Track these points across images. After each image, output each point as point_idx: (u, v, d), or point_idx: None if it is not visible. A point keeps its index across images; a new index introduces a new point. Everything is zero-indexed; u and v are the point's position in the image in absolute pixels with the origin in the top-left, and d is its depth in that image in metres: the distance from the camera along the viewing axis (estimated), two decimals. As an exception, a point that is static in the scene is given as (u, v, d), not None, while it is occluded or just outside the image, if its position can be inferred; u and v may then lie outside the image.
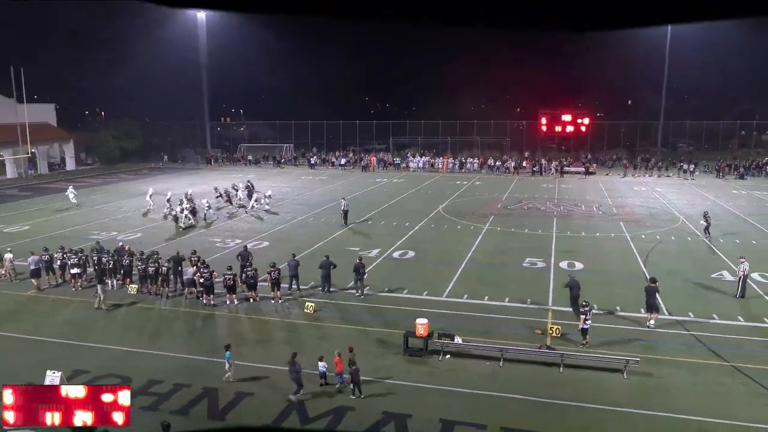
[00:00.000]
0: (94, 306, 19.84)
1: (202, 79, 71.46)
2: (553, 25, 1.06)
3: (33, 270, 22.05)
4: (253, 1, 1.01)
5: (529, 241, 29.12)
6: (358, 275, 21.01)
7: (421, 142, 69.67)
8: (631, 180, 52.97)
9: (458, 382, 14.72)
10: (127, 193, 45.38)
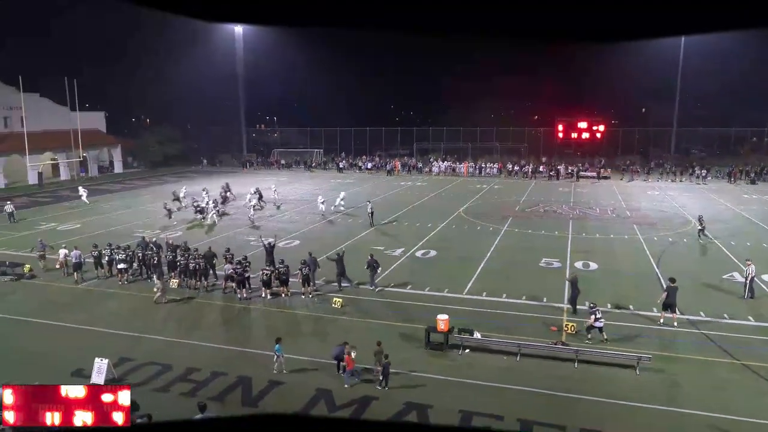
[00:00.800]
0: (153, 300, 19.99)
1: (239, 88, 72.28)
2: (571, 36, 1.05)
3: (75, 263, 22.62)
4: (282, 16, 1.01)
5: (545, 242, 28.82)
6: (372, 270, 21.16)
7: (443, 148, 69.53)
8: (643, 184, 52.11)
9: (477, 375, 14.63)
10: (170, 194, 46.01)
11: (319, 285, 21.45)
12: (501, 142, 68.44)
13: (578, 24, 1.01)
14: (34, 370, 14.03)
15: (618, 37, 1.02)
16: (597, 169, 58.07)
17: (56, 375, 13.51)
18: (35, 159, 52.42)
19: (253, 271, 21.22)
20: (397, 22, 1.03)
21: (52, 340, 16.97)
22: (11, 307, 19.65)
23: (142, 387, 13.78)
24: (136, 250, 23.34)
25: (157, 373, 14.77)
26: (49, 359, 15.45)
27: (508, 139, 68.55)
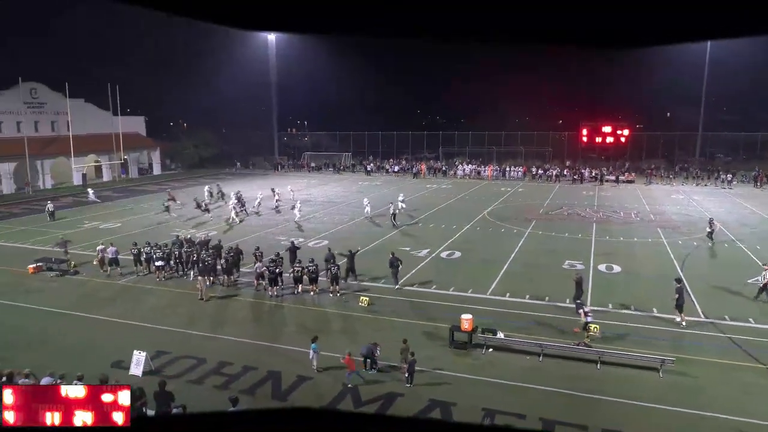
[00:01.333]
0: (198, 298, 20.21)
1: (271, 93, 73.03)
2: (595, 42, 1.03)
3: (111, 259, 23.24)
4: (313, 24, 1.02)
5: (568, 245, 28.43)
6: (394, 269, 21.21)
7: (468, 152, 69.20)
8: (668, 188, 51.03)
9: (500, 374, 14.51)
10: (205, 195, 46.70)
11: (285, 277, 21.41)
12: (525, 146, 67.79)
13: (605, 30, 0.99)
14: (77, 362, 14.37)
15: (644, 42, 1.00)
16: (617, 172, 57.12)
17: (98, 366, 13.81)
18: (80, 161, 53.78)
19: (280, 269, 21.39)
20: (420, 30, 1.03)
21: (93, 333, 17.37)
22: (57, 301, 20.18)
23: (177, 379, 14.02)
24: (173, 248, 23.74)
25: (191, 367, 15.00)
26: (91, 351, 15.82)
27: (533, 143, 67.88)
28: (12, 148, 49.68)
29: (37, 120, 54.43)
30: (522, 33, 1.03)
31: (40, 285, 22.27)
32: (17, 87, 51.85)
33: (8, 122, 52.21)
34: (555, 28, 1.01)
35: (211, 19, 1.03)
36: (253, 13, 1.02)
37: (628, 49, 1.07)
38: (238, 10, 1.01)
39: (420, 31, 1.03)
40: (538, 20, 1.00)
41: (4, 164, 49.68)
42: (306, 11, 1.02)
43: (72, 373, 12.30)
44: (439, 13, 1.00)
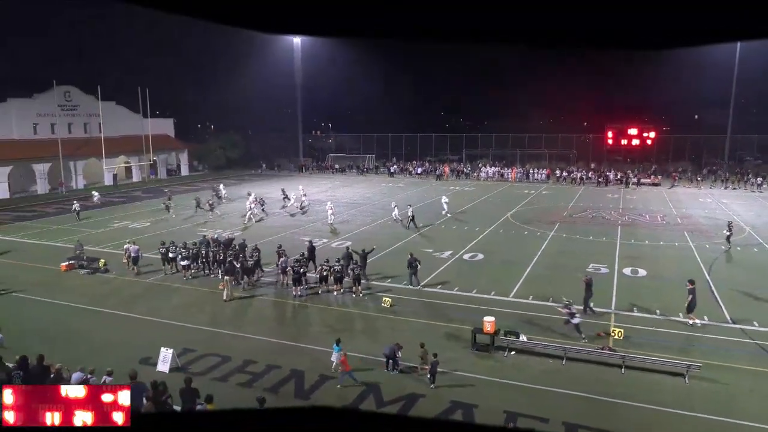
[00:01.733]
0: (222, 298, 20.41)
1: (296, 96, 73.58)
2: (623, 43, 1.02)
3: (133, 257, 23.73)
4: (337, 27, 1.03)
5: (593, 248, 28.04)
6: (412, 269, 21.26)
7: (491, 154, 68.74)
8: (695, 191, 50.00)
9: (522, 377, 14.37)
10: (232, 195, 47.24)
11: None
12: (549, 149, 67.09)
13: (630, 32, 0.98)
14: (107, 357, 14.64)
15: (672, 44, 0.99)
16: (639, 175, 56.19)
17: (127, 362, 14.06)
18: (111, 162, 54.92)
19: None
20: (447, 34, 1.03)
21: (122, 330, 17.70)
22: (88, 299, 20.61)
23: (202, 376, 14.19)
24: (200, 248, 24.06)
25: (216, 364, 15.18)
26: (120, 347, 16.12)
27: (557, 145, 67.13)
28: (47, 149, 50.95)
29: (70, 122, 55.72)
30: (549, 36, 1.02)
31: (72, 282, 22.79)
32: (52, 90, 53.18)
33: (43, 124, 53.55)
34: (579, 30, 0.99)
35: (236, 23, 1.04)
36: (276, 16, 1.03)
37: (654, 50, 1.05)
38: (261, 13, 1.03)
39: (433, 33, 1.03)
40: (564, 22, 0.99)
41: (39, 165, 50.95)
42: (327, 14, 1.02)
43: (102, 368, 12.55)
44: (461, 14, 0.99)
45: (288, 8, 1.03)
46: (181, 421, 1.34)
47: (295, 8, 1.03)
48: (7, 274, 23.16)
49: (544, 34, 1.01)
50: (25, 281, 22.64)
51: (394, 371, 14.54)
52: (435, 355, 14.09)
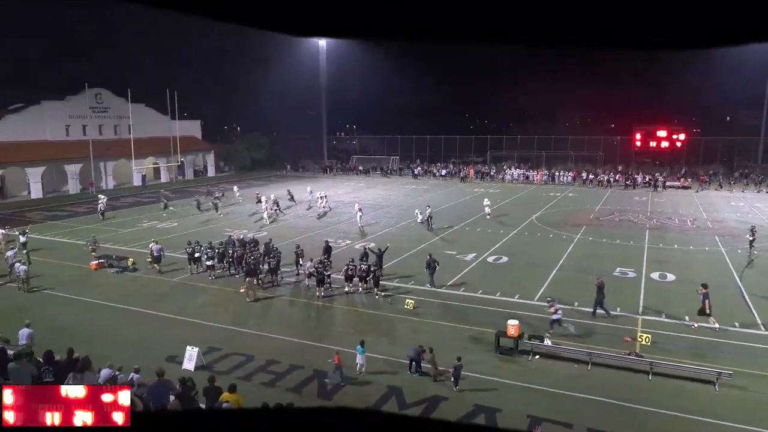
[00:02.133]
0: (246, 300, 20.56)
1: (321, 97, 74.02)
2: (650, 44, 1.00)
3: (155, 256, 24.15)
4: (361, 30, 1.03)
5: (620, 252, 27.59)
6: (430, 270, 21.27)
7: (516, 156, 68.14)
8: (727, 195, 48.83)
9: (546, 381, 14.20)
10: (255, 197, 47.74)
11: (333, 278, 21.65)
12: (576, 151, 66.23)
13: (658, 32, 0.96)
14: (134, 355, 14.91)
15: (699, 44, 0.97)
16: (667, 178, 55.10)
17: (153, 360, 14.29)
18: (139, 163, 55.98)
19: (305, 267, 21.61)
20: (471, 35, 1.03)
21: (150, 328, 18.01)
22: (116, 297, 21.02)
23: (227, 375, 14.35)
24: (226, 248, 24.34)
25: (240, 363, 15.34)
26: (147, 345, 16.40)
27: (583, 147, 66.23)
28: (78, 150, 52.17)
29: (101, 124, 56.95)
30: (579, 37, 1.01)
31: (102, 281, 23.28)
32: (84, 93, 54.45)
33: (75, 126, 54.83)
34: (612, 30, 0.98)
35: (262, 26, 1.05)
36: (301, 19, 1.04)
37: (687, 50, 1.04)
38: (286, 16, 1.03)
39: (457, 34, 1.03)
40: (594, 22, 0.98)
41: (71, 165, 52.17)
42: (350, 16, 1.03)
43: (129, 365, 12.77)
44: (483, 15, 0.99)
45: (312, 11, 1.04)
46: (186, 421, 1.35)
47: (319, 11, 1.03)
48: (39, 272, 23.76)
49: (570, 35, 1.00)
50: (57, 279, 23.21)
51: (416, 374, 14.51)
52: (459, 359, 14.01)
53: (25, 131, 50.46)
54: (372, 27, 1.06)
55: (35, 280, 22.49)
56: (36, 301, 20.66)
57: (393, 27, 1.04)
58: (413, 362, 14.56)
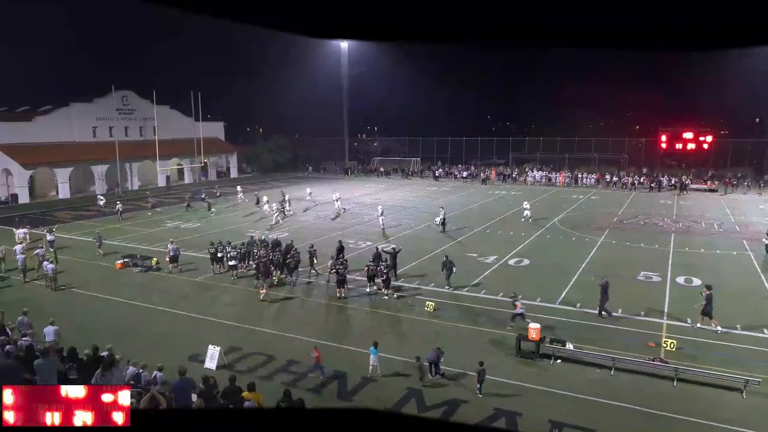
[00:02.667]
0: (259, 298, 20.78)
1: (343, 100, 74.33)
2: (677, 45, 0.98)
3: (172, 256, 24.51)
4: (383, 32, 1.03)
5: (644, 255, 27.15)
6: (448, 271, 21.26)
7: (539, 158, 67.51)
8: (755, 198, 47.73)
9: (568, 386, 14.03)
10: (278, 197, 48.03)
11: (354, 280, 21.59)
12: (599, 153, 65.38)
13: (684, 33, 0.94)
14: (157, 353, 15.12)
15: (728, 44, 0.95)
16: (699, 180, 53.96)
17: (176, 358, 14.47)
18: (164, 164, 56.81)
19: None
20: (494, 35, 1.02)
21: (172, 327, 18.25)
22: (140, 296, 21.36)
23: (248, 375, 14.47)
24: (251, 248, 24.59)
25: (262, 363, 15.46)
26: (169, 343, 16.63)
27: (607, 149, 65.34)
28: (105, 151, 53.17)
29: (127, 125, 57.97)
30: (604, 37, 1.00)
31: (126, 280, 23.67)
32: (111, 95, 55.48)
33: (102, 127, 55.91)
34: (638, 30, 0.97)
35: (285, 28, 1.06)
36: (323, 21, 1.05)
37: (715, 50, 1.02)
38: (308, 19, 1.04)
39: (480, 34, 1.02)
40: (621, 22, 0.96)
41: (98, 166, 53.19)
42: (373, 20, 1.03)
43: (153, 363, 12.96)
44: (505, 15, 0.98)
45: (334, 13, 1.04)
46: (155, 421, 1.36)
47: (340, 13, 1.04)
48: (67, 270, 24.25)
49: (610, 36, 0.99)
50: (83, 277, 23.66)
51: (436, 376, 14.46)
52: (481, 363, 13.86)
53: (53, 133, 51.62)
54: (393, 29, 1.06)
55: (62, 278, 22.95)
56: (63, 299, 21.10)
57: (414, 28, 1.04)
58: (432, 364, 14.51)
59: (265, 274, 21.42)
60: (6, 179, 48.64)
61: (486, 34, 1.03)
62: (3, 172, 48.39)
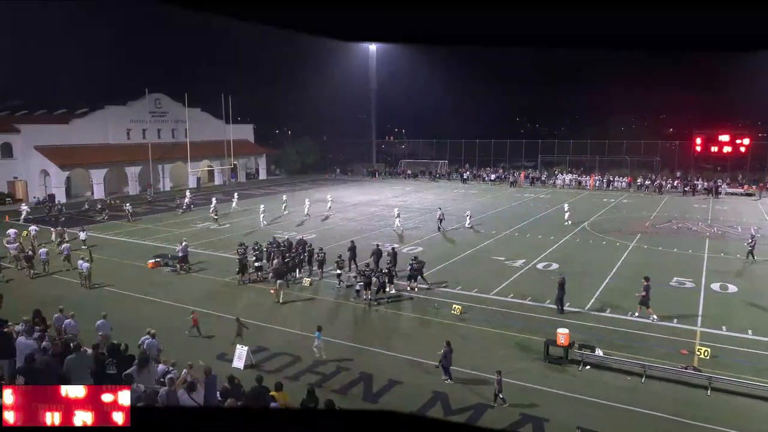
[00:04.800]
0: (274, 300, 21.02)
1: (371, 102, 74.54)
2: (710, 45, 0.96)
3: (181, 257, 24.97)
4: (412, 34, 1.03)
5: (677, 260, 26.53)
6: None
7: (568, 160, 66.52)
8: (796, 203, 46.20)
9: (597, 393, 13.78)
10: (307, 199, 48.36)
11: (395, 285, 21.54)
12: (631, 156, 64.10)
13: (717, 34, 0.92)
14: (186, 351, 15.37)
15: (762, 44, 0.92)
16: (734, 184, 52.43)
17: (204, 357, 14.69)
18: (195, 166, 57.81)
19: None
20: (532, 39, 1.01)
21: (201, 326, 18.50)
22: (171, 295, 21.75)
23: (275, 374, 14.59)
24: (270, 249, 24.86)
25: (288, 363, 15.58)
26: (198, 342, 16.89)
27: (639, 152, 64.03)
28: (138, 153, 54.39)
29: (159, 128, 59.19)
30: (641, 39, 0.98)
31: (157, 279, 24.14)
32: (144, 98, 56.74)
33: (136, 130, 57.23)
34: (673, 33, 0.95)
35: (314, 31, 1.07)
36: (351, 24, 1.05)
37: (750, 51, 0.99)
38: (336, 21, 1.05)
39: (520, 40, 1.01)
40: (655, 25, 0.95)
41: (131, 168, 54.45)
42: (402, 22, 1.03)
43: (182, 361, 13.17)
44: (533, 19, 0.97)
45: (362, 16, 1.04)
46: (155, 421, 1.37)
47: (369, 16, 1.04)
48: (101, 269, 24.84)
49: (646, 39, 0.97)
50: (116, 276, 24.21)
51: (448, 379, 14.38)
52: (499, 372, 13.57)
53: (89, 135, 53.03)
54: (423, 31, 1.06)
55: (96, 277, 23.50)
56: (97, 297, 21.61)
57: (444, 31, 1.04)
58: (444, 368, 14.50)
59: (279, 276, 21.57)
60: (44, 180, 50.10)
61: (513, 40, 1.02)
62: (41, 173, 49.85)
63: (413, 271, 21.76)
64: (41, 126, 51.96)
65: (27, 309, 16.10)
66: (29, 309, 16.01)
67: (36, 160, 49.16)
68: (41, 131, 50.47)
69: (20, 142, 49.03)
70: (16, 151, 49.20)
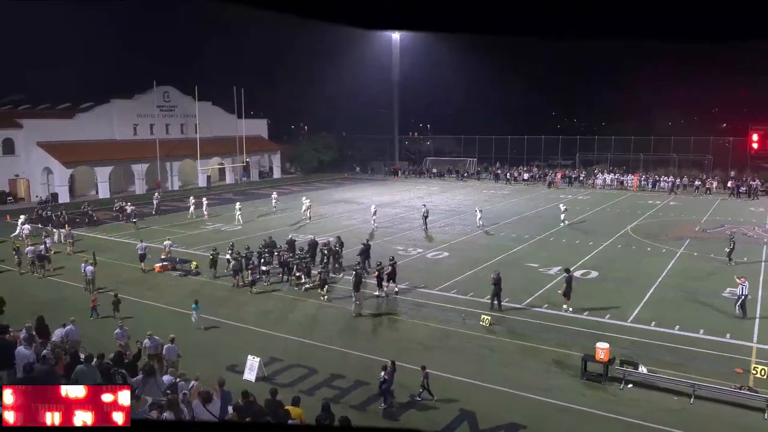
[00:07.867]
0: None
1: (393, 96, 74.35)
2: None
3: (181, 259, 26.11)
4: (439, 21, 1.03)
5: (730, 269, 25.99)
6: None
7: (610, 159, 65.53)
8: None
9: (640, 414, 13.57)
10: (322, 199, 48.66)
11: (404, 289, 21.84)
12: (679, 154, 62.96)
13: None
14: (195, 362, 15.55)
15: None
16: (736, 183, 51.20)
17: (214, 368, 14.85)
18: (204, 163, 58.43)
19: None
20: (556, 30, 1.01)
21: (210, 334, 18.74)
22: (178, 301, 22.01)
23: (289, 388, 14.66)
24: (273, 250, 25.25)
25: (303, 376, 15.64)
26: (207, 352, 17.07)
27: (689, 149, 62.85)
28: (145, 149, 55.22)
29: (168, 123, 60.00)
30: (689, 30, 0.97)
31: (165, 283, 24.50)
32: (152, 91, 57.59)
33: (143, 125, 58.07)
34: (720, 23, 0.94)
35: (333, 19, 1.07)
36: (373, 10, 1.05)
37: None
38: (357, 8, 1.05)
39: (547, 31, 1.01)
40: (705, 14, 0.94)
41: (138, 165, 55.24)
42: (428, 8, 1.03)
43: (191, 372, 13.32)
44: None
45: (385, 1, 1.05)
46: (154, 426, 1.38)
47: (392, 1, 1.05)
48: (106, 272, 25.27)
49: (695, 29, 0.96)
50: (123, 280, 24.61)
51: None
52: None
53: (94, 130, 54.01)
54: (450, 19, 1.06)
55: (100, 281, 23.90)
56: (102, 302, 21.95)
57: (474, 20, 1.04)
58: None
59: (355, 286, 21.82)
60: (47, 178, 51.10)
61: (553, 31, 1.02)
62: (44, 171, 50.88)
63: (388, 273, 22.20)
64: (44, 121, 53.06)
65: (29, 314, 16.46)
66: (31, 314, 16.37)
67: (39, 156, 50.21)
68: (44, 126, 51.53)
69: (22, 138, 50.14)
70: (18, 148, 50.29)
